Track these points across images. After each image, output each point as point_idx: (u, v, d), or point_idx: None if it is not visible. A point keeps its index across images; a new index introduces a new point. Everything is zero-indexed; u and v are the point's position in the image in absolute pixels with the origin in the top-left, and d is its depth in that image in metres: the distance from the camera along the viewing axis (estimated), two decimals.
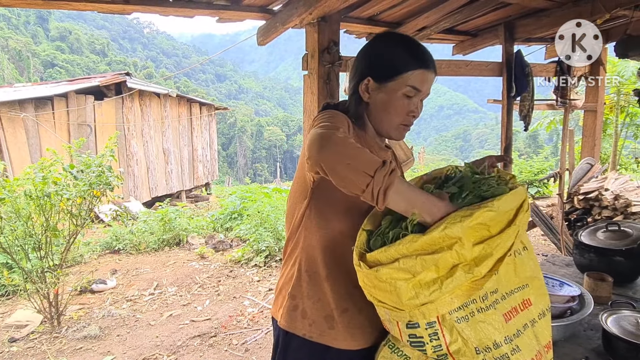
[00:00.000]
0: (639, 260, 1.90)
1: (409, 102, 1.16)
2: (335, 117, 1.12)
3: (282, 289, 1.28)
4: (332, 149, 0.95)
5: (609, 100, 8.56)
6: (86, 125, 10.28)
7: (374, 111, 1.20)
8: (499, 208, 0.91)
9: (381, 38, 1.22)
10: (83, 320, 4.08)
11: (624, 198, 5.24)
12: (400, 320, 0.96)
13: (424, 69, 1.14)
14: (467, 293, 0.92)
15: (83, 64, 53.07)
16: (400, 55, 1.14)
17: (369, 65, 1.18)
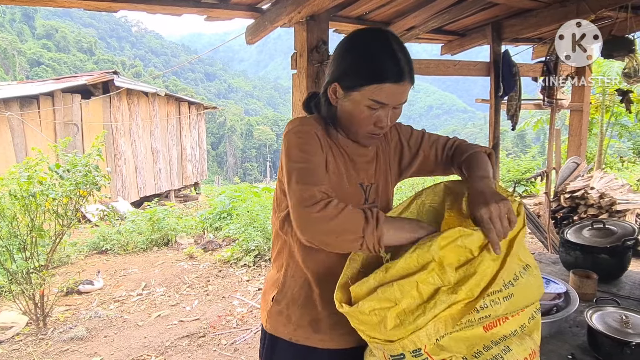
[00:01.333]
0: (623, 258, 1.92)
1: (374, 113, 1.09)
2: (308, 140, 1.09)
3: (267, 292, 1.27)
4: (315, 228, 0.96)
5: (594, 100, 8.69)
6: (73, 125, 10.15)
7: (340, 117, 1.16)
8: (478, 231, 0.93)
9: (354, 41, 1.11)
10: (69, 322, 4.03)
11: (609, 196, 5.31)
12: (391, 353, 0.93)
13: (392, 83, 1.04)
14: (458, 317, 0.91)
15: (70, 62, 52.40)
16: (367, 66, 1.05)
17: (336, 71, 1.11)
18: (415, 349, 0.90)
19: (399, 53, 1.05)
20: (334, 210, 0.95)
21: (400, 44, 1.07)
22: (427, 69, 4.47)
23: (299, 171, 1.03)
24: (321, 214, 0.94)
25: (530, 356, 1.00)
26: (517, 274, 0.99)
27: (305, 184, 1.00)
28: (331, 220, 0.94)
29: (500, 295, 0.95)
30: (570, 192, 5.63)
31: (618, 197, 5.38)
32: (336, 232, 0.95)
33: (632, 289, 1.86)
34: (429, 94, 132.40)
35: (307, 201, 0.97)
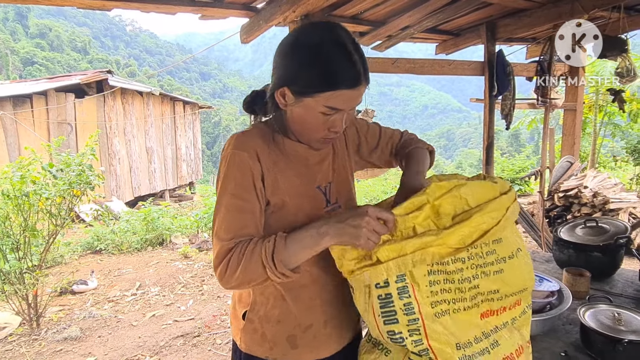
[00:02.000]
0: (615, 256, 1.93)
1: (329, 118, 1.01)
2: (242, 171, 1.01)
3: (236, 308, 1.20)
4: (230, 285, 0.98)
5: (588, 100, 8.73)
6: (66, 124, 10.09)
7: (290, 122, 1.07)
8: (474, 184, 1.00)
9: (303, 39, 0.98)
10: (63, 322, 4.01)
11: (602, 195, 5.35)
12: (376, 280, 0.94)
13: (347, 89, 0.96)
14: (445, 255, 0.93)
15: (64, 61, 52.05)
16: (321, 71, 0.94)
17: (285, 74, 0.99)
18: (400, 274, 0.92)
19: (355, 54, 0.95)
20: (235, 266, 0.96)
21: (353, 42, 0.97)
22: (421, 69, 4.48)
23: (224, 215, 1.00)
24: (227, 274, 0.96)
25: (517, 352, 1.00)
26: (512, 253, 1.00)
27: (219, 239, 0.99)
28: (237, 274, 0.95)
29: (492, 268, 0.96)
30: (564, 191, 5.66)
31: (611, 196, 5.41)
32: (245, 282, 0.97)
33: (625, 286, 1.88)
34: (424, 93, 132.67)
35: (217, 260, 0.98)
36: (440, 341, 0.91)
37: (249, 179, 1.01)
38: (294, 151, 1.11)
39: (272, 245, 0.95)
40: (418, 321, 0.91)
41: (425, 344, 0.92)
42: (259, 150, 1.04)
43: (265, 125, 1.12)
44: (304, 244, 0.96)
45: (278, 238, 0.96)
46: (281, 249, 0.94)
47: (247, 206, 1.00)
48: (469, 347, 0.93)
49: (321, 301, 1.13)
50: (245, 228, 0.99)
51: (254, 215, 1.02)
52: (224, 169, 1.02)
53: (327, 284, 1.13)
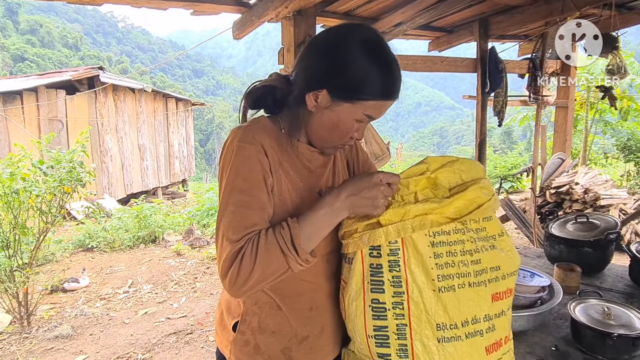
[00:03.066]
0: (606, 251, 1.95)
1: (357, 126, 0.99)
2: (250, 164, 0.94)
3: (224, 318, 1.12)
4: (244, 291, 0.90)
5: (579, 97, 8.80)
6: (57, 121, 10.00)
7: (315, 125, 1.01)
8: (465, 161, 1.02)
9: (352, 42, 0.93)
10: (54, 320, 3.98)
11: (593, 192, 5.39)
12: (372, 243, 0.95)
13: (388, 100, 0.96)
14: (442, 223, 0.95)
15: (55, 58, 51.52)
16: (372, 78, 0.91)
17: (328, 74, 0.93)
18: (393, 241, 0.93)
19: (397, 65, 0.96)
20: (249, 265, 0.88)
21: (393, 53, 0.97)
22: (414, 65, 4.48)
23: (231, 214, 0.92)
24: (240, 276, 0.88)
25: (505, 339, 1.00)
26: (502, 232, 1.03)
27: (228, 240, 0.90)
28: (253, 273, 0.88)
29: (486, 243, 0.98)
30: (556, 188, 5.70)
31: (602, 192, 5.46)
32: (263, 279, 0.89)
33: (615, 281, 1.89)
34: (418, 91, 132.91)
35: (226, 263, 0.89)
36: (421, 319, 0.92)
37: (258, 173, 0.94)
38: (300, 153, 1.06)
39: (288, 231, 0.90)
40: (403, 295, 0.92)
41: (406, 319, 0.92)
42: (266, 145, 0.97)
43: (270, 121, 1.05)
44: (321, 224, 0.93)
45: (291, 223, 0.91)
46: (298, 234, 0.90)
47: (256, 203, 0.93)
48: (466, 325, 0.93)
49: (318, 310, 1.08)
50: (256, 226, 0.92)
51: (265, 211, 0.94)
52: (229, 163, 0.95)
53: (324, 291, 1.09)
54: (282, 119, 1.06)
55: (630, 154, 9.06)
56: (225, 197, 0.93)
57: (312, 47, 0.99)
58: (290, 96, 1.02)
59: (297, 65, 1.01)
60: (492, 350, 0.96)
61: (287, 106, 1.04)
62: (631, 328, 1.31)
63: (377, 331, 0.95)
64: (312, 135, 1.05)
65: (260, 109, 1.08)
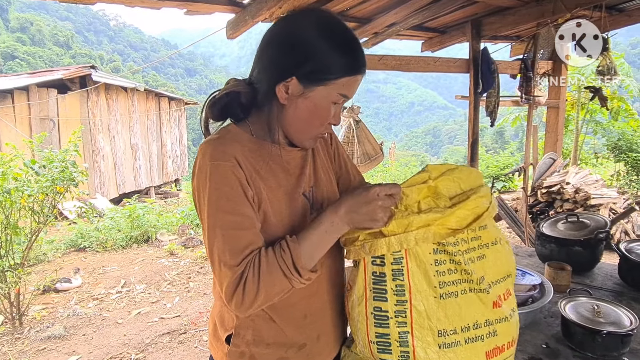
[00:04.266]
0: (595, 250, 1.98)
1: (334, 109, 0.97)
2: (230, 183, 0.90)
3: (217, 330, 1.09)
4: (251, 311, 0.90)
5: (570, 97, 8.87)
6: (49, 120, 9.92)
7: (290, 118, 0.97)
8: (464, 169, 1.03)
9: (314, 24, 0.91)
10: (47, 320, 3.96)
11: (583, 191, 5.45)
12: (374, 253, 0.96)
13: (360, 74, 0.95)
14: (445, 235, 0.95)
15: (46, 56, 51.02)
16: (339, 55, 0.90)
17: (294, 62, 0.91)
18: (397, 251, 0.93)
19: (357, 40, 0.95)
20: (254, 289, 0.87)
21: (350, 29, 0.96)
22: (407, 65, 4.51)
23: (223, 238, 0.89)
24: (246, 300, 0.88)
25: (508, 344, 1.01)
26: (496, 240, 1.03)
27: (226, 266, 0.88)
28: (257, 296, 0.87)
29: (475, 254, 0.99)
30: (547, 187, 5.76)
31: (592, 192, 5.52)
32: (268, 299, 0.90)
33: (604, 280, 1.92)
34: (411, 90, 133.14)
35: (230, 289, 0.88)
36: (423, 326, 0.93)
37: (238, 190, 0.90)
38: (276, 156, 1.01)
39: (289, 254, 0.89)
40: (406, 303, 0.93)
41: (408, 327, 0.93)
42: (239, 157, 0.93)
43: (240, 129, 1.00)
44: (321, 242, 0.92)
45: (291, 244, 0.90)
46: (299, 254, 0.89)
47: (246, 221, 0.90)
48: (467, 331, 0.94)
49: (313, 317, 1.06)
50: (251, 245, 0.90)
51: (256, 228, 0.92)
52: (205, 185, 0.90)
53: (319, 298, 1.08)
54: (251, 123, 1.02)
55: (620, 154, 9.14)
56: (212, 221, 0.90)
57: (270, 41, 0.96)
58: (257, 96, 0.98)
59: (257, 64, 0.98)
60: (493, 355, 0.97)
61: (256, 108, 1.01)
62: (620, 325, 1.33)
63: (379, 338, 0.96)
64: (289, 129, 1.00)
65: (225, 119, 1.03)
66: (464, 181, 1.01)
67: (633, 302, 1.68)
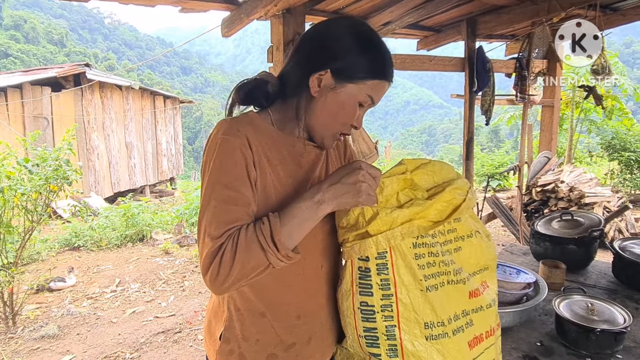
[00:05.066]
0: (589, 248, 1.99)
1: (359, 111, 1.00)
2: (234, 158, 0.92)
3: (211, 326, 1.09)
4: (225, 287, 0.88)
5: (565, 96, 8.91)
6: (43, 118, 9.86)
7: (318, 111, 1.00)
8: (437, 163, 1.06)
9: (351, 29, 0.98)
10: (40, 320, 3.94)
11: (578, 190, 5.47)
12: (361, 254, 0.96)
13: (387, 81, 0.99)
14: (427, 228, 0.97)
15: (40, 54, 50.70)
16: (373, 58, 0.96)
17: (331, 56, 0.95)
18: (382, 251, 0.94)
19: (390, 53, 1.01)
20: (229, 260, 0.85)
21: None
22: (403, 64, 4.51)
23: (214, 209, 0.89)
24: (221, 273, 0.86)
25: (486, 334, 1.02)
26: (471, 232, 1.05)
27: (209, 237, 0.88)
28: (232, 269, 0.85)
29: (452, 246, 1.01)
30: (542, 186, 5.78)
31: (587, 190, 5.55)
32: (244, 275, 0.87)
33: (598, 278, 1.93)
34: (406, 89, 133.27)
35: (207, 260, 0.87)
36: (410, 319, 0.93)
37: (242, 167, 0.92)
38: (291, 147, 1.03)
39: (268, 226, 0.87)
40: (392, 297, 0.94)
41: (394, 321, 0.94)
42: (251, 138, 0.95)
43: (259, 116, 1.04)
44: (302, 217, 0.89)
45: (272, 218, 0.88)
46: (278, 229, 0.87)
47: (240, 198, 0.90)
48: (442, 326, 0.95)
49: (306, 318, 1.05)
50: (238, 222, 0.89)
51: (249, 207, 0.92)
52: (212, 156, 0.92)
53: (314, 299, 1.07)
54: (272, 112, 1.05)
55: (614, 153, 9.20)
56: (208, 192, 0.91)
57: (310, 38, 1.02)
58: (285, 88, 1.02)
59: (292, 58, 1.03)
60: (474, 345, 0.99)
61: (281, 99, 1.04)
62: (614, 323, 1.34)
63: (367, 332, 0.97)
64: (314, 122, 1.02)
65: (249, 105, 1.06)
66: (437, 174, 1.04)
67: (627, 300, 1.69)
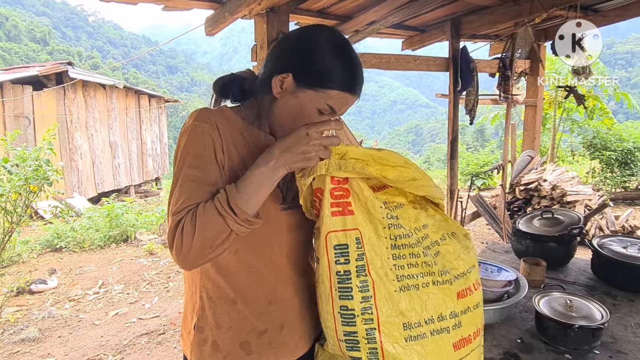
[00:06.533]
0: (569, 246, 2.02)
1: (319, 118, 1.00)
2: (204, 142, 0.95)
3: (187, 319, 1.11)
4: (190, 262, 0.90)
5: (547, 96, 9.03)
6: (24, 117, 9.68)
7: (278, 112, 1.02)
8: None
9: (323, 38, 0.99)
10: (21, 323, 3.86)
11: (560, 188, 5.55)
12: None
13: (350, 94, 0.99)
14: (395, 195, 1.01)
15: (22, 52, 49.77)
16: (336, 68, 0.96)
17: (295, 61, 0.98)
18: (357, 237, 0.95)
19: (362, 68, 1.01)
20: (190, 230, 0.87)
21: (359, 58, 1.02)
22: (387, 64, 4.52)
23: (180, 189, 0.92)
24: (184, 245, 0.87)
25: (474, 334, 1.02)
26: (444, 235, 1.05)
27: (173, 213, 0.90)
28: (195, 238, 0.87)
29: (436, 248, 1.02)
30: (525, 185, 5.85)
31: (569, 188, 5.63)
32: (207, 245, 0.88)
33: (578, 275, 1.96)
34: (393, 89, 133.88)
35: (170, 234, 0.89)
36: (389, 322, 0.93)
37: (210, 150, 0.95)
38: (257, 140, 1.06)
39: (224, 194, 0.89)
40: (371, 299, 0.93)
41: (374, 324, 0.93)
42: (220, 125, 0.98)
43: (232, 110, 1.06)
44: (259, 183, 0.91)
45: (228, 187, 0.91)
46: (235, 195, 0.89)
47: (206, 178, 0.93)
48: (431, 323, 0.95)
49: (277, 305, 1.07)
50: (202, 199, 0.91)
51: (215, 187, 0.93)
52: (183, 141, 0.96)
53: (285, 287, 1.08)
54: (244, 108, 1.08)
55: (595, 152, 9.36)
56: (177, 174, 0.94)
57: (284, 40, 1.04)
58: (261, 84, 1.04)
59: (267, 57, 1.05)
60: (460, 347, 0.98)
61: (254, 96, 1.07)
62: (591, 319, 1.36)
63: (347, 336, 0.96)
64: (275, 123, 1.05)
65: (225, 97, 1.10)
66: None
67: (605, 297, 1.72)
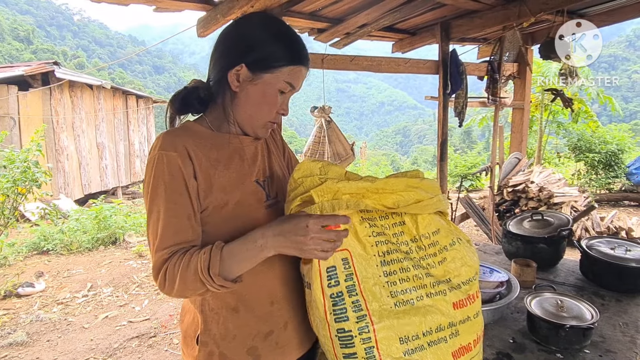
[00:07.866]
0: (559, 247, 2.06)
1: (282, 98, 1.05)
2: (172, 173, 0.95)
3: (188, 335, 1.11)
4: (173, 295, 0.95)
5: (534, 99, 9.16)
6: (9, 118, 9.52)
7: (242, 104, 1.05)
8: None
9: (259, 22, 1.05)
10: (8, 327, 3.81)
11: (547, 190, 5.64)
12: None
13: (302, 66, 1.04)
14: (382, 210, 1.00)
15: (5, 51, 48.95)
16: (282, 46, 1.01)
17: (244, 51, 1.00)
18: (344, 258, 0.95)
19: (299, 35, 1.07)
20: (172, 278, 0.92)
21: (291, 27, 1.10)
22: (378, 66, 4.56)
23: (157, 223, 0.95)
24: (167, 286, 0.93)
25: (474, 342, 1.04)
26: (453, 240, 1.07)
27: (156, 249, 0.95)
28: (176, 286, 0.93)
29: (435, 259, 1.03)
30: (513, 186, 5.93)
31: (555, 190, 5.73)
32: (186, 293, 0.96)
33: (567, 275, 2.00)
34: (381, 90, 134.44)
35: (155, 271, 0.95)
36: (387, 338, 0.93)
37: (179, 180, 0.96)
38: (229, 143, 1.07)
39: (207, 258, 0.91)
40: (366, 318, 0.93)
41: (372, 342, 0.93)
42: (189, 147, 0.99)
43: (197, 123, 1.08)
44: (242, 257, 0.93)
45: (214, 250, 0.92)
46: (216, 263, 0.91)
47: (181, 210, 0.95)
48: (428, 335, 0.95)
49: (279, 304, 1.08)
50: (182, 233, 0.95)
51: (190, 219, 0.96)
52: (151, 172, 0.96)
53: (284, 284, 1.09)
54: (208, 116, 1.10)
55: (580, 154, 9.50)
56: (151, 207, 0.96)
57: (221, 39, 1.07)
58: (211, 88, 1.07)
59: (211, 61, 1.08)
60: (459, 355, 0.99)
61: (213, 102, 1.09)
62: (582, 319, 1.39)
63: (346, 358, 0.95)
64: (242, 116, 1.07)
65: (187, 113, 1.11)
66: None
67: (594, 297, 1.76)
